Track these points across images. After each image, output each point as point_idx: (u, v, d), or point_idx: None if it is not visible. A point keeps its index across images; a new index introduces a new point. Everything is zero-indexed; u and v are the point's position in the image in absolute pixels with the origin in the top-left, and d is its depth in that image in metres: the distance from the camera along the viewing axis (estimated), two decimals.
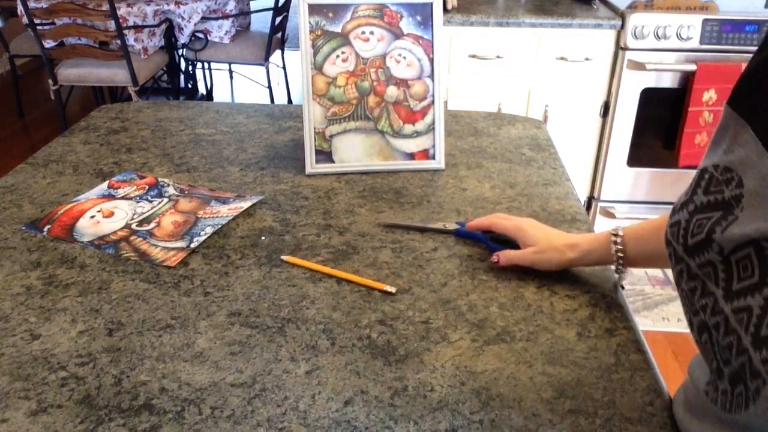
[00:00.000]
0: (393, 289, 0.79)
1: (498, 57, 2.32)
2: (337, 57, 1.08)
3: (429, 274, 0.83)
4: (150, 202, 0.99)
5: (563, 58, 2.31)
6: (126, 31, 2.97)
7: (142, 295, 0.78)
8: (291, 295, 0.78)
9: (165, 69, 3.63)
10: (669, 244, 0.53)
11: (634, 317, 0.77)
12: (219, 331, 0.72)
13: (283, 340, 0.71)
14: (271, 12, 3.44)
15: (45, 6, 2.88)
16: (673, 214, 0.53)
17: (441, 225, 0.93)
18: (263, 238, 0.90)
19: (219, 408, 0.62)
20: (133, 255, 0.86)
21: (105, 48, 3.03)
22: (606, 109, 2.40)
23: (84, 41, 3.00)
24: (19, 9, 2.99)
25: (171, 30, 3.24)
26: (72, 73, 3.09)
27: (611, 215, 2.52)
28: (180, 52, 3.67)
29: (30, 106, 4.07)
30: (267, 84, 3.62)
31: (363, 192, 1.04)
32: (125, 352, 0.69)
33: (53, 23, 2.95)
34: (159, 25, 3.11)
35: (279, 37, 3.63)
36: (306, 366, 0.67)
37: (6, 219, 0.95)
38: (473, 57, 2.32)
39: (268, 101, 3.74)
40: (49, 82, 3.11)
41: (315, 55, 1.07)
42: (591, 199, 2.56)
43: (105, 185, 1.04)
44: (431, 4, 1.09)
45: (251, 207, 0.98)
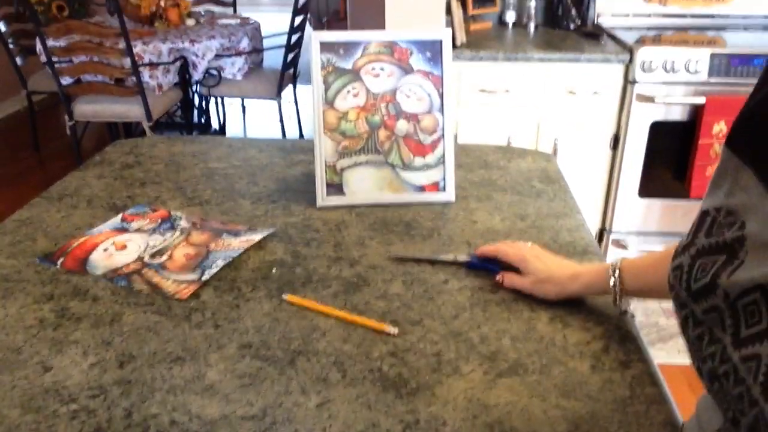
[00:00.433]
0: (394, 331, 0.77)
1: (507, 91, 2.34)
2: (348, 92, 1.09)
3: (440, 306, 0.83)
4: (162, 235, 1.00)
5: (572, 91, 2.33)
6: (141, 68, 3.03)
7: (153, 328, 0.78)
8: (302, 328, 0.78)
9: (179, 104, 3.69)
10: (672, 288, 0.52)
11: (648, 349, 0.76)
12: (229, 364, 0.72)
13: (294, 372, 0.71)
14: (284, 49, 3.50)
15: (63, 45, 2.95)
16: (676, 257, 0.52)
17: (452, 257, 0.93)
18: (274, 270, 0.91)
19: None
20: (146, 287, 0.86)
21: (120, 84, 3.10)
22: (616, 142, 2.40)
23: (100, 78, 3.07)
24: (38, 47, 3.07)
25: (185, 67, 3.30)
26: (88, 109, 3.15)
27: (623, 247, 2.50)
28: (194, 88, 3.74)
29: (46, 141, 4.13)
30: (279, 118, 3.66)
31: (374, 224, 1.04)
32: (136, 384, 0.69)
33: (71, 61, 3.02)
34: (173, 63, 3.18)
35: (291, 73, 3.69)
36: (317, 399, 0.67)
37: (20, 252, 0.96)
38: (483, 91, 2.35)
39: (279, 135, 3.79)
40: (65, 117, 3.16)
41: (326, 91, 1.09)
42: (603, 231, 2.55)
43: (118, 218, 1.05)
44: (440, 41, 1.10)
45: (262, 240, 0.98)
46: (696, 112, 2.25)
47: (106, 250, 0.96)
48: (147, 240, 0.98)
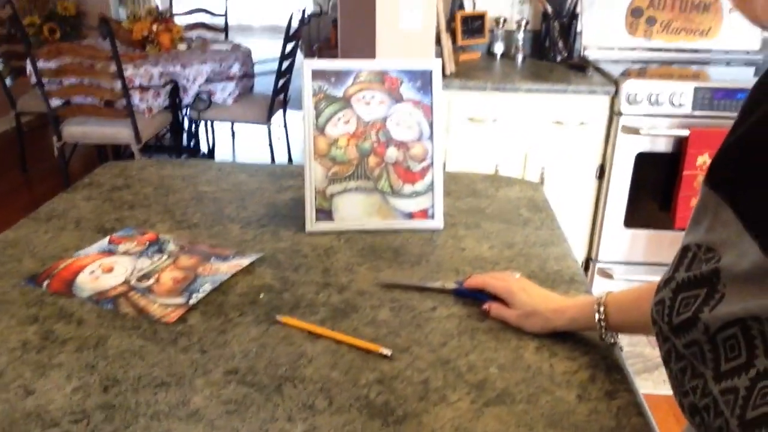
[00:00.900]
0: (388, 352, 0.78)
1: (495, 120, 2.37)
2: (339, 119, 1.10)
3: (428, 333, 0.83)
4: (150, 258, 1.00)
5: (559, 122, 2.37)
6: (131, 91, 3.04)
7: (138, 352, 0.77)
8: (289, 354, 0.78)
9: (168, 128, 3.69)
10: (655, 322, 0.53)
11: (634, 379, 0.76)
12: (215, 389, 0.71)
13: (280, 399, 0.70)
14: (275, 75, 3.53)
15: (54, 66, 2.96)
16: (658, 291, 0.53)
17: (440, 284, 0.93)
18: (262, 295, 0.91)
19: None
20: (132, 311, 0.86)
21: (110, 107, 3.10)
22: (602, 172, 2.43)
23: (90, 100, 3.07)
24: (29, 68, 3.07)
25: (176, 90, 3.32)
26: (77, 131, 3.14)
27: (609, 276, 2.52)
28: (184, 111, 3.75)
29: (34, 161, 4.11)
30: (269, 143, 3.68)
31: (362, 250, 1.04)
32: (120, 409, 0.68)
33: (61, 83, 3.03)
34: (164, 86, 3.19)
35: (281, 98, 3.72)
36: (303, 426, 0.66)
37: (6, 273, 0.95)
38: (471, 120, 2.38)
39: (269, 160, 3.80)
40: (54, 139, 3.16)
41: (317, 118, 1.10)
42: (589, 260, 2.56)
43: (106, 241, 1.05)
44: (430, 71, 1.12)
45: (251, 264, 0.98)
46: (680, 144, 2.29)
47: (92, 272, 0.95)
48: (134, 263, 0.98)
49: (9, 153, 4.21)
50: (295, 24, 3.67)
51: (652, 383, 2.11)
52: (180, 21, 3.99)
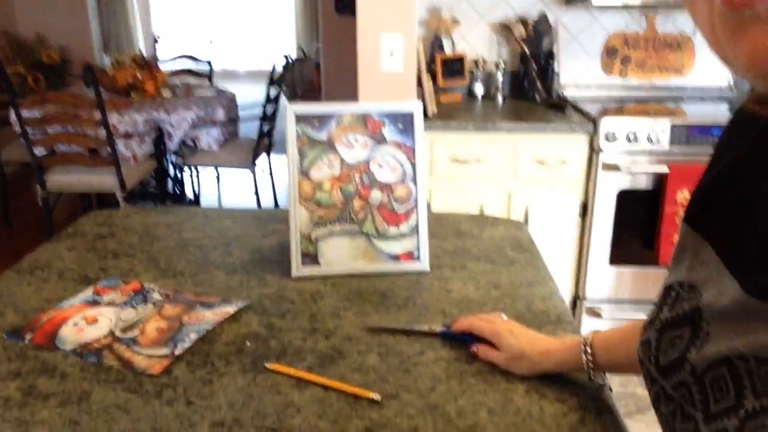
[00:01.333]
0: (378, 397, 0.77)
1: (478, 161, 2.40)
2: (323, 163, 1.11)
3: (416, 378, 0.82)
4: (135, 308, 0.99)
5: (541, 161, 2.40)
6: (116, 139, 3.04)
7: (123, 406, 0.76)
8: (276, 404, 0.77)
9: (153, 174, 3.69)
10: (642, 363, 0.53)
11: (626, 421, 0.76)
12: None
13: None
14: (259, 120, 3.56)
15: (38, 115, 2.96)
16: (643, 332, 0.53)
17: (427, 327, 0.93)
18: (248, 343, 0.90)
19: None
20: (116, 363, 0.84)
21: (95, 155, 3.10)
22: (585, 210, 2.46)
23: (74, 148, 3.07)
24: (12, 117, 3.07)
25: (161, 137, 3.33)
26: (61, 180, 3.13)
27: (598, 315, 2.52)
28: (169, 157, 3.76)
29: (17, 212, 4.08)
30: (254, 188, 3.68)
31: (349, 295, 1.04)
32: None
33: (45, 131, 3.03)
34: (149, 133, 3.20)
35: (266, 143, 3.74)
36: None
37: None
38: (454, 161, 2.40)
39: (254, 203, 3.80)
40: (38, 188, 3.14)
41: (301, 161, 1.11)
42: (576, 299, 2.57)
43: (90, 291, 1.04)
44: (412, 113, 1.14)
45: (237, 312, 0.98)
46: (660, 180, 2.33)
47: (76, 324, 0.94)
48: (119, 313, 0.97)
49: None
50: (279, 69, 3.72)
51: (644, 424, 2.09)
52: (164, 67, 4.04)
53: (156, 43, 4.84)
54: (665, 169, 2.28)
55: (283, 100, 3.95)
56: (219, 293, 1.04)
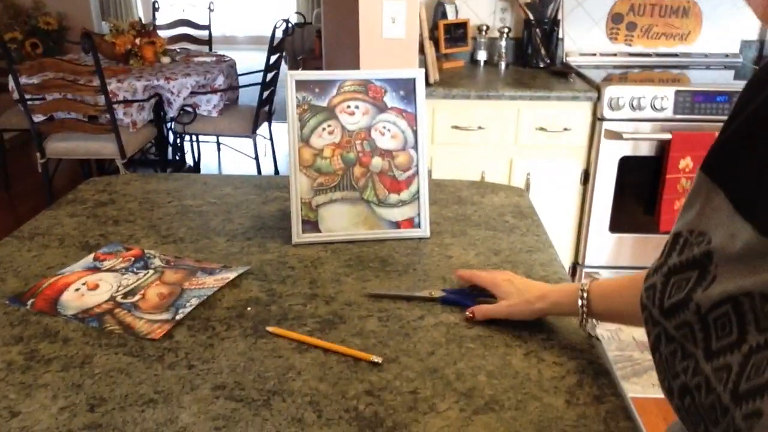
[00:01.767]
0: (379, 360, 0.78)
1: (480, 128, 2.39)
2: (324, 130, 1.10)
3: (416, 342, 0.83)
4: (135, 274, 0.99)
5: (543, 128, 2.38)
6: (115, 105, 3.02)
7: (125, 369, 0.77)
8: (277, 367, 0.77)
9: (153, 142, 3.68)
10: (645, 308, 0.54)
11: (623, 384, 0.76)
12: (203, 406, 0.71)
13: (269, 413, 0.70)
14: (259, 87, 3.53)
15: (36, 82, 2.93)
16: (648, 278, 0.54)
17: (427, 293, 0.93)
18: (249, 308, 0.90)
19: None
20: (118, 328, 0.85)
21: (94, 122, 3.08)
22: (586, 177, 2.45)
23: (73, 115, 3.05)
24: (11, 84, 3.05)
25: (160, 104, 3.30)
26: (60, 147, 3.12)
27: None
28: (168, 125, 3.73)
29: (16, 179, 4.08)
30: (254, 155, 3.67)
31: (349, 261, 1.04)
32: (107, 428, 0.67)
33: (44, 98, 3.01)
34: (148, 100, 3.18)
35: (266, 110, 3.71)
36: None
37: None
38: (456, 128, 2.39)
39: (255, 172, 3.79)
40: (37, 155, 3.13)
41: (302, 129, 1.10)
42: (576, 265, 2.58)
43: (90, 258, 1.04)
44: (414, 79, 1.13)
45: (237, 277, 0.98)
46: (663, 147, 2.31)
47: (77, 290, 0.94)
48: (120, 279, 0.97)
49: None
50: (279, 35, 3.67)
51: (641, 387, 2.12)
52: (163, 34, 3.98)
53: (155, 10, 4.77)
54: (668, 137, 2.27)
55: (284, 66, 3.91)
56: (220, 259, 1.04)
